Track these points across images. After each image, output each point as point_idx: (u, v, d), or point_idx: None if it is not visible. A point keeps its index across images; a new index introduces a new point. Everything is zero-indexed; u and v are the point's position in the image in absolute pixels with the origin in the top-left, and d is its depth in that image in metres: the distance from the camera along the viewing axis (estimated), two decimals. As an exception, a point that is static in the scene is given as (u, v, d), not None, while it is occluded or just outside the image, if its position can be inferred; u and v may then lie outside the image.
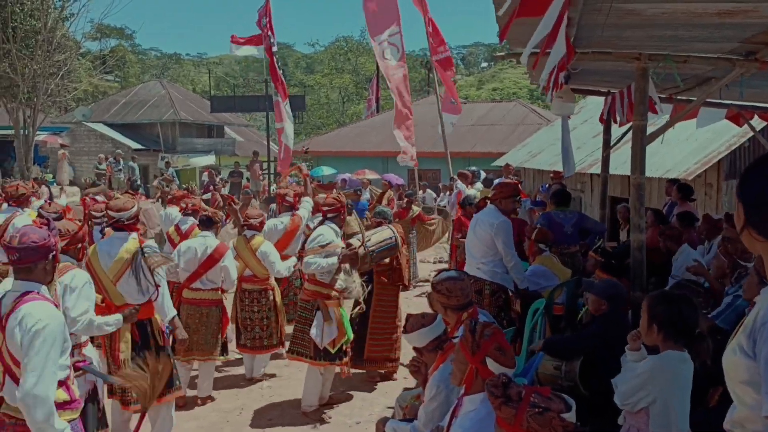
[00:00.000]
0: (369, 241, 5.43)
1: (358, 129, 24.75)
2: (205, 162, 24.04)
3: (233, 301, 6.04)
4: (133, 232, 4.20)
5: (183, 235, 6.74)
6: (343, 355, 5.20)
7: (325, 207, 5.36)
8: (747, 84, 4.72)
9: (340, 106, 45.83)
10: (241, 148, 29.27)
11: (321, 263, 5.03)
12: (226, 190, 16.95)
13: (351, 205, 8.48)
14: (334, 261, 5.07)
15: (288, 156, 13.11)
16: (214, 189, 14.86)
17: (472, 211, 7.78)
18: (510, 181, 7.28)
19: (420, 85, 39.07)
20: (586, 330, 4.00)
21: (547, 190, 8.45)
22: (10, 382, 2.70)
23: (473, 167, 12.70)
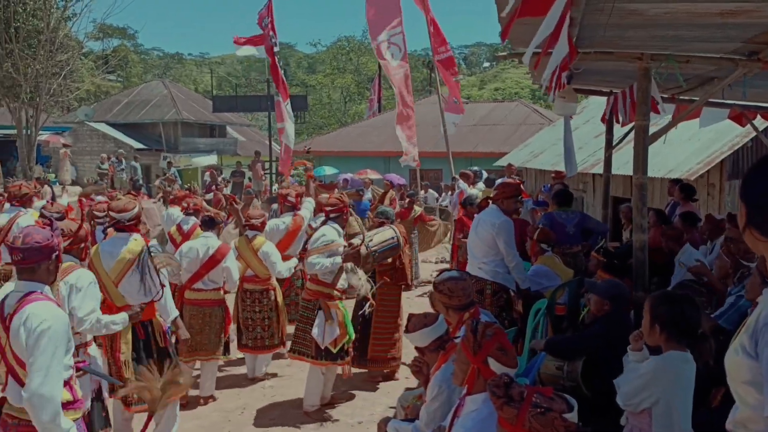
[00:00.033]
0: (371, 241, 5.43)
1: (360, 129, 24.75)
2: (207, 162, 24.06)
3: (235, 302, 6.05)
4: (134, 233, 4.21)
5: (185, 235, 6.76)
6: (344, 354, 5.20)
7: (327, 207, 5.36)
8: (750, 84, 4.71)
9: (342, 105, 45.83)
10: (243, 147, 29.30)
11: (324, 263, 5.03)
12: (228, 189, 16.97)
13: (353, 205, 8.49)
14: (337, 261, 5.06)
15: (288, 156, 13.11)
16: (216, 189, 14.87)
17: (473, 211, 7.77)
18: (512, 181, 7.28)
19: (422, 85, 39.05)
20: (589, 330, 3.99)
21: (550, 190, 8.45)
22: (13, 383, 2.69)
23: (475, 167, 12.69)
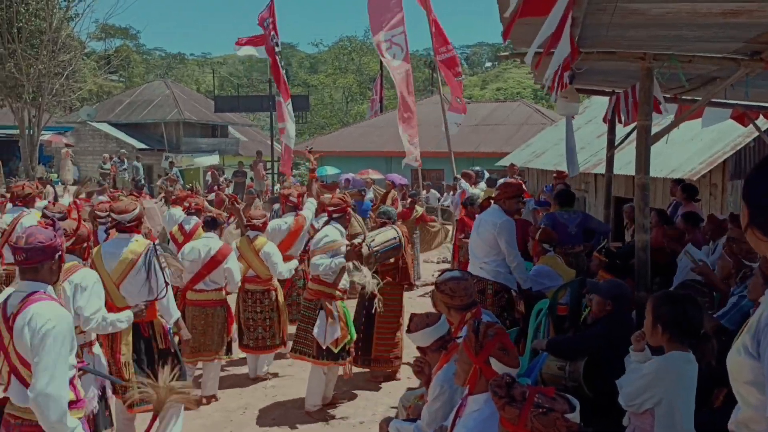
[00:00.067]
0: (373, 241, 5.43)
1: (362, 129, 24.75)
2: (209, 162, 24.06)
3: (236, 302, 6.05)
4: (135, 234, 4.21)
5: (187, 235, 6.77)
6: (345, 355, 5.20)
7: (330, 207, 5.36)
8: (752, 84, 4.70)
9: (344, 105, 45.84)
10: (245, 147, 29.34)
11: (328, 263, 5.03)
12: (229, 189, 16.97)
13: (354, 205, 8.48)
14: (341, 260, 5.07)
15: (289, 156, 13.12)
16: (218, 189, 14.87)
17: (474, 211, 7.77)
18: (514, 181, 7.28)
19: (424, 85, 39.03)
20: (590, 330, 3.98)
21: (552, 190, 8.44)
22: (16, 383, 2.69)
23: (477, 167, 12.69)
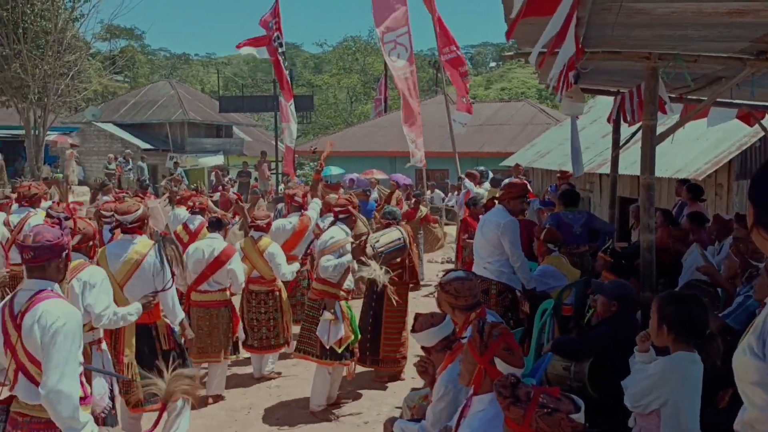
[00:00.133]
0: (377, 242, 5.43)
1: (366, 129, 24.76)
2: (214, 162, 24.11)
3: (240, 302, 6.05)
4: (138, 235, 4.22)
5: (192, 234, 6.79)
6: (349, 355, 5.20)
7: (337, 208, 5.36)
8: (758, 83, 4.69)
9: (348, 106, 45.87)
10: (250, 148, 29.37)
11: (336, 263, 5.04)
12: (234, 190, 16.99)
13: (359, 205, 8.48)
14: (349, 258, 5.08)
15: (289, 156, 13.15)
16: (223, 189, 14.90)
17: (477, 212, 7.76)
18: (518, 181, 7.26)
19: (428, 85, 39.04)
20: (595, 331, 3.97)
21: (556, 190, 8.42)
22: (24, 380, 2.69)
23: (481, 167, 12.68)
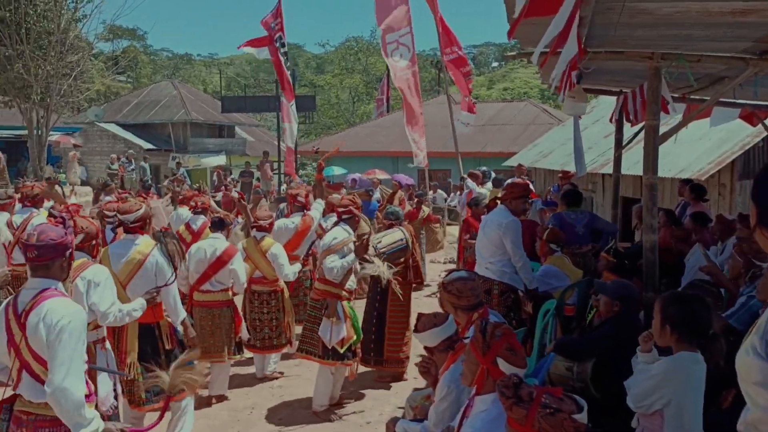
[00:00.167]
0: (379, 243, 5.43)
1: (368, 129, 24.76)
2: (216, 162, 24.14)
3: (243, 303, 6.06)
4: (140, 235, 4.23)
5: (195, 234, 6.80)
6: (351, 355, 5.20)
7: (340, 209, 5.37)
8: (761, 83, 4.68)
9: (351, 106, 45.86)
10: (252, 148, 29.41)
11: (340, 264, 5.04)
12: (237, 189, 17.01)
13: (361, 206, 8.49)
14: (352, 256, 5.09)
15: (289, 156, 13.19)
16: (226, 189, 14.92)
17: (479, 212, 7.76)
18: (520, 181, 7.25)
19: (430, 85, 39.02)
20: (598, 331, 3.97)
21: (559, 190, 8.42)
22: (28, 379, 2.70)
23: (484, 167, 12.66)
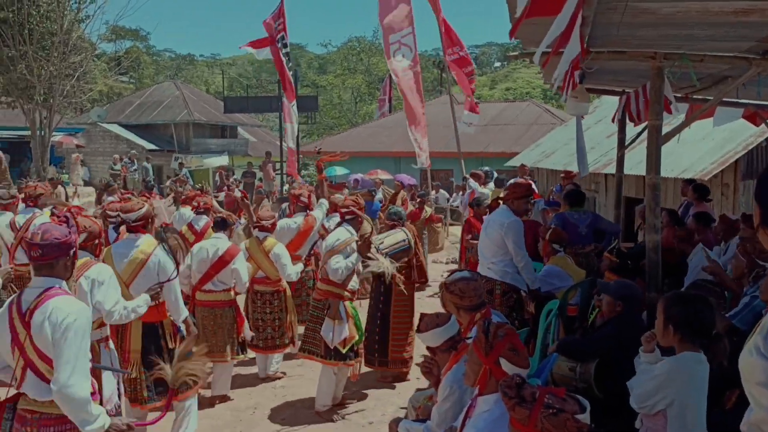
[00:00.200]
0: (382, 243, 5.44)
1: (371, 129, 24.76)
2: (219, 162, 24.14)
3: (245, 303, 6.06)
4: (142, 234, 4.24)
5: (198, 234, 6.81)
6: (353, 355, 5.20)
7: (343, 209, 5.37)
8: (764, 83, 4.67)
9: (353, 106, 45.86)
10: (254, 148, 29.44)
11: (344, 264, 5.04)
12: (239, 189, 17.02)
13: (364, 206, 8.49)
14: (357, 257, 5.10)
15: (291, 157, 13.22)
16: (228, 190, 14.93)
17: (481, 212, 7.76)
18: (523, 181, 7.25)
19: (432, 86, 39.00)
20: (601, 331, 3.96)
21: (561, 190, 8.40)
22: (33, 377, 2.70)
23: (486, 167, 12.67)
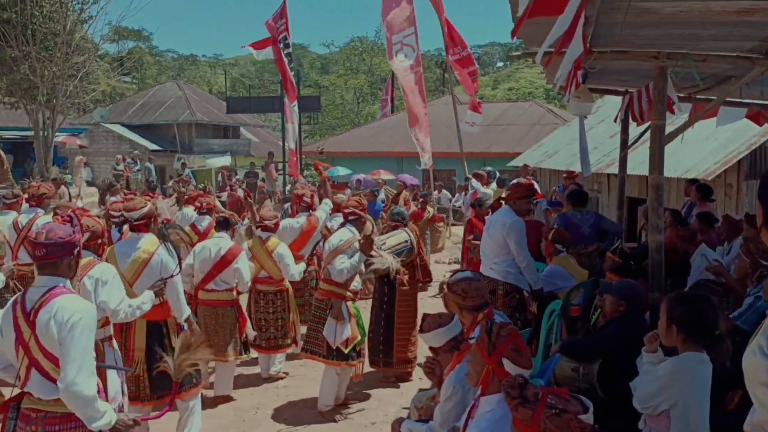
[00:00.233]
0: (384, 244, 5.44)
1: (373, 129, 24.77)
2: (221, 162, 24.17)
3: (248, 302, 6.07)
4: (144, 233, 4.24)
5: (201, 234, 6.82)
6: (356, 355, 5.20)
7: (347, 210, 5.37)
8: (767, 83, 4.66)
9: (355, 106, 45.87)
10: (257, 148, 29.45)
11: (349, 264, 5.04)
12: (242, 188, 17.05)
13: (366, 207, 8.50)
14: (360, 256, 5.10)
15: (292, 157, 13.24)
16: (231, 190, 14.96)
17: (483, 212, 7.74)
18: (525, 181, 7.24)
19: (435, 86, 38.95)
20: (603, 332, 3.96)
21: (564, 190, 8.40)
22: (37, 376, 2.70)
23: (489, 167, 12.66)
